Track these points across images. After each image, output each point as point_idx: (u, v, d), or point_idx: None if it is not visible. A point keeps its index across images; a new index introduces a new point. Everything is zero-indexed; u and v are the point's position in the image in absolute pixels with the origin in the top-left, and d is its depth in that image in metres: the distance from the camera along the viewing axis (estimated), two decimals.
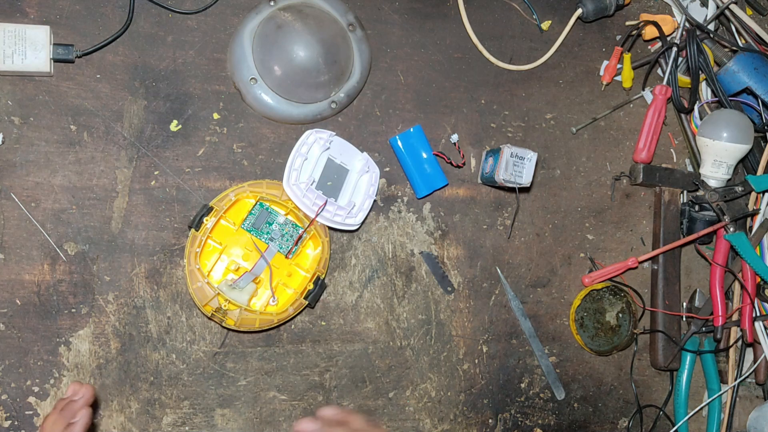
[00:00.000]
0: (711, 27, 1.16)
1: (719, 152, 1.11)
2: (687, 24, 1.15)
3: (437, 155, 1.06)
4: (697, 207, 1.15)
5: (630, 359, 1.16)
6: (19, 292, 0.93)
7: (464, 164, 1.09)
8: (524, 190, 1.12)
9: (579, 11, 1.13)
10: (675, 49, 1.14)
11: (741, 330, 1.14)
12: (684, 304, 1.18)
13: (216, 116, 1.00)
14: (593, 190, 1.16)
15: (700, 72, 1.14)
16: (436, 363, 1.08)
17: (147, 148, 0.97)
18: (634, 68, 1.16)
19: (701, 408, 1.18)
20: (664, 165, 1.17)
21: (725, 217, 1.12)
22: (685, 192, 1.17)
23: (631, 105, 1.18)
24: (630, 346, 1.16)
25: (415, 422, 1.07)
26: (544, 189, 1.13)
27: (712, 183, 1.13)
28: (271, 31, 0.97)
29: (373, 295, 1.05)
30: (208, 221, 0.94)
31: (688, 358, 1.16)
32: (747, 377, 1.18)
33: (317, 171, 1.00)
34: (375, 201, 1.04)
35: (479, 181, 1.10)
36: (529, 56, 1.13)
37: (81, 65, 0.95)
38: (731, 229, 1.12)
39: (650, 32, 1.15)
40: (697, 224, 1.14)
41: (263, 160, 1.02)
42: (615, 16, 1.17)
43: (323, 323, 1.03)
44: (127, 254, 0.96)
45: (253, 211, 0.99)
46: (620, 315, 1.15)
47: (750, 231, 1.15)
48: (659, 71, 1.18)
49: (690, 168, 1.20)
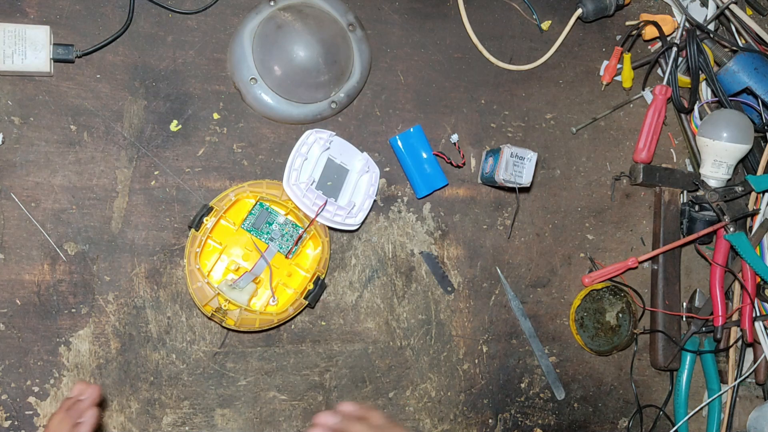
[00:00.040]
0: (711, 27, 1.16)
1: (719, 152, 1.11)
2: (687, 24, 1.15)
3: (437, 155, 1.06)
4: (697, 207, 1.15)
5: (630, 359, 1.16)
6: (19, 292, 0.93)
7: (464, 164, 1.09)
8: (524, 190, 1.12)
9: (579, 11, 1.13)
10: (675, 49, 1.14)
11: (741, 330, 1.14)
12: (684, 304, 1.18)
13: (216, 116, 1.00)
14: (593, 190, 1.16)
15: (700, 72, 1.14)
16: (436, 363, 1.08)
17: (147, 148, 0.97)
18: (634, 68, 1.16)
19: (701, 408, 1.18)
20: (664, 165, 1.17)
21: (725, 217, 1.12)
22: (685, 192, 1.17)
23: (631, 105, 1.18)
24: (630, 346, 1.16)
25: (415, 422, 1.07)
26: (544, 189, 1.13)
27: (712, 183, 1.13)
28: (271, 31, 0.97)
29: (373, 295, 1.05)
30: (208, 221, 0.94)
31: (688, 358, 1.16)
32: (747, 377, 1.17)
33: (317, 171, 1.00)
34: (375, 201, 1.04)
35: (479, 181, 1.10)
36: (529, 56, 1.13)
37: (81, 65, 0.95)
38: (731, 229, 1.12)
39: (650, 32, 1.15)
40: (697, 224, 1.14)
41: (263, 160, 1.02)
42: (615, 16, 1.17)
43: (323, 323, 1.03)
44: (127, 254, 0.96)
45: (253, 211, 0.99)
46: (620, 315, 1.15)
47: (750, 231, 1.15)
48: (659, 71, 1.18)
49: (690, 168, 1.20)
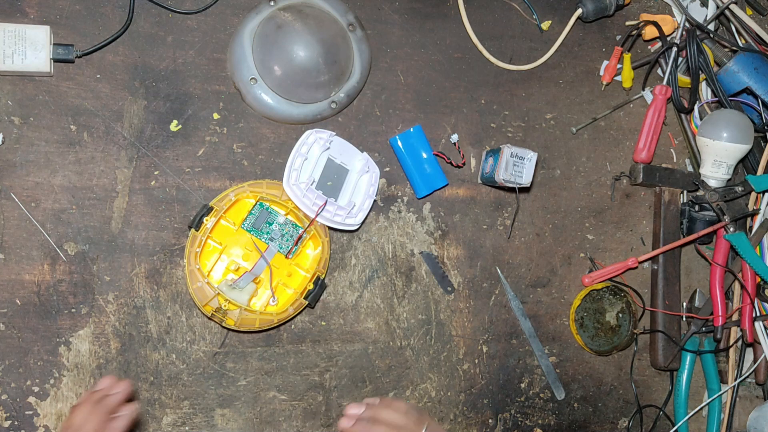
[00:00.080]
0: (711, 27, 1.16)
1: (719, 152, 1.11)
2: (687, 24, 1.15)
3: (437, 155, 1.06)
4: (697, 207, 1.15)
5: (630, 359, 1.16)
6: (19, 292, 0.93)
7: (464, 164, 1.09)
8: (524, 190, 1.12)
9: (579, 11, 1.13)
10: (675, 49, 1.14)
11: (741, 330, 1.14)
12: (684, 304, 1.18)
13: (216, 116, 1.00)
14: (593, 190, 1.16)
15: (700, 72, 1.14)
16: (436, 363, 1.08)
17: (147, 148, 0.97)
18: (634, 68, 1.16)
19: (701, 408, 1.18)
20: (664, 165, 1.17)
21: (725, 217, 1.12)
22: (685, 192, 1.17)
23: (631, 105, 1.18)
24: (630, 346, 1.16)
25: None
26: (544, 189, 1.13)
27: (712, 183, 1.13)
28: (271, 31, 0.97)
29: (373, 295, 1.05)
30: (208, 221, 0.94)
31: (688, 358, 1.16)
32: (747, 377, 1.17)
33: (317, 171, 1.00)
34: (375, 201, 1.04)
35: (479, 181, 1.10)
36: (529, 56, 1.13)
37: (81, 65, 0.95)
38: (731, 229, 1.12)
39: (650, 32, 1.15)
40: (697, 224, 1.14)
41: (263, 160, 1.02)
42: (615, 16, 1.17)
43: (323, 323, 1.03)
44: (127, 254, 0.96)
45: (253, 211, 0.99)
46: (620, 315, 1.15)
47: (750, 231, 1.15)
48: (659, 71, 1.18)
49: (690, 168, 1.20)
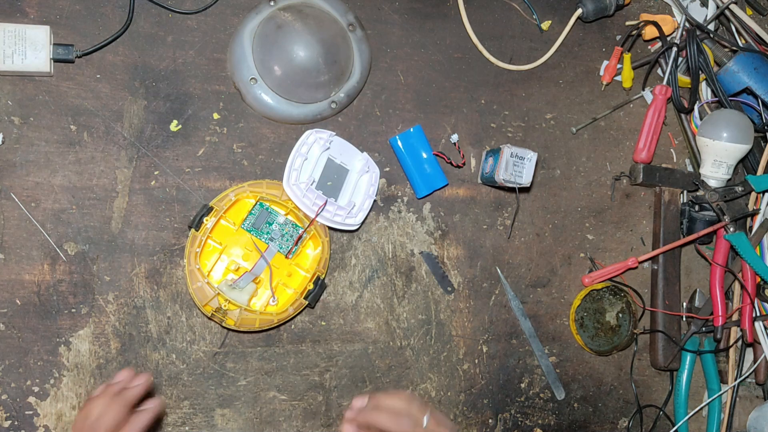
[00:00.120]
0: (711, 27, 1.16)
1: (719, 152, 1.11)
2: (687, 24, 1.15)
3: (437, 155, 1.06)
4: (697, 207, 1.15)
5: (630, 359, 1.16)
6: (19, 292, 0.93)
7: (464, 164, 1.09)
8: (524, 190, 1.12)
9: (579, 11, 1.13)
10: (675, 49, 1.14)
11: (741, 330, 1.14)
12: (684, 304, 1.18)
13: (216, 116, 1.00)
14: (593, 190, 1.16)
15: (700, 72, 1.14)
16: (436, 363, 1.08)
17: (147, 148, 0.97)
18: (634, 68, 1.16)
19: (701, 408, 1.18)
20: (664, 165, 1.17)
21: (725, 217, 1.12)
22: (685, 192, 1.17)
23: (631, 105, 1.18)
24: (630, 346, 1.16)
25: None
26: (544, 189, 1.13)
27: (712, 183, 1.13)
28: (271, 31, 0.97)
29: (373, 295, 1.05)
30: (208, 221, 0.94)
31: (688, 358, 1.16)
32: (747, 377, 1.17)
33: (317, 171, 1.00)
34: (375, 201, 1.04)
35: (479, 181, 1.10)
36: (529, 56, 1.13)
37: (81, 65, 0.95)
38: (731, 229, 1.12)
39: (650, 32, 1.15)
40: (697, 224, 1.14)
41: (263, 160, 1.02)
42: (615, 16, 1.17)
43: (323, 323, 1.03)
44: (127, 254, 0.96)
45: (253, 211, 0.99)
46: (620, 315, 1.15)
47: (750, 231, 1.15)
48: (659, 71, 1.18)
49: (690, 168, 1.20)
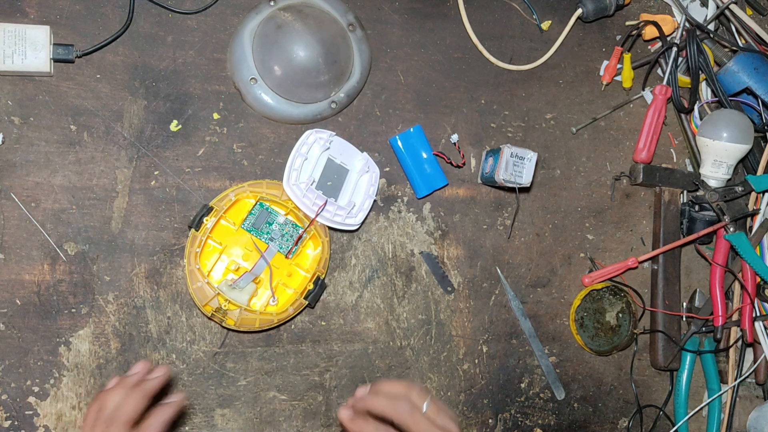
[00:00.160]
0: (711, 27, 1.16)
1: (719, 152, 1.11)
2: (687, 24, 1.15)
3: (437, 155, 1.06)
4: (697, 207, 1.15)
5: (630, 359, 1.16)
6: (19, 292, 0.93)
7: (464, 164, 1.09)
8: (524, 190, 1.12)
9: (579, 11, 1.13)
10: (675, 49, 1.14)
11: (741, 330, 1.14)
12: (684, 304, 1.18)
13: (216, 116, 1.00)
14: (593, 190, 1.16)
15: (700, 72, 1.14)
16: (436, 363, 1.08)
17: (147, 148, 0.97)
18: (634, 68, 1.16)
19: (701, 408, 1.18)
20: (664, 165, 1.17)
21: (725, 217, 1.12)
22: (685, 192, 1.17)
23: (631, 105, 1.18)
24: (630, 346, 1.16)
25: None
26: (544, 189, 1.13)
27: (712, 183, 1.13)
28: (271, 31, 0.97)
29: (373, 295, 1.05)
30: (208, 221, 0.94)
31: (688, 358, 1.16)
32: (747, 377, 1.17)
33: (317, 171, 1.00)
34: (375, 201, 1.04)
35: (479, 181, 1.10)
36: (529, 56, 1.13)
37: (81, 65, 0.95)
38: (731, 229, 1.12)
39: (650, 32, 1.15)
40: (697, 224, 1.14)
41: (263, 160, 1.02)
42: (615, 16, 1.17)
43: (323, 323, 1.03)
44: (127, 254, 0.96)
45: (253, 211, 0.99)
46: (620, 315, 1.15)
47: (750, 231, 1.15)
48: (659, 71, 1.18)
49: (690, 168, 1.20)
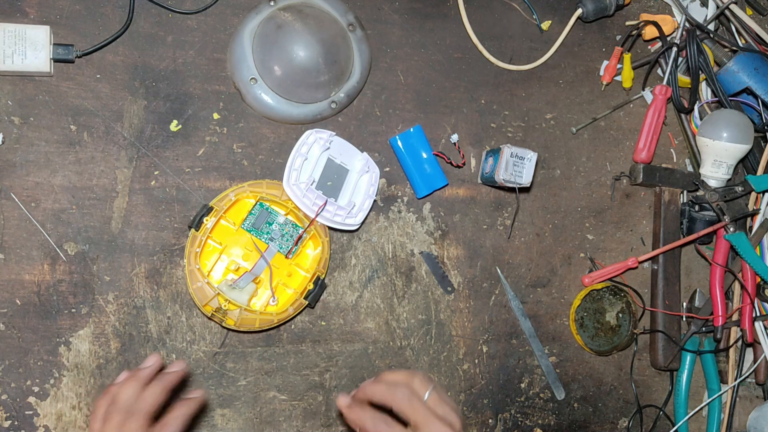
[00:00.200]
0: (711, 27, 1.16)
1: (719, 152, 1.11)
2: (687, 24, 1.15)
3: (437, 155, 1.06)
4: (697, 207, 1.15)
5: (630, 359, 1.16)
6: (19, 292, 0.93)
7: (464, 164, 1.09)
8: (524, 190, 1.12)
9: (579, 11, 1.13)
10: (675, 49, 1.14)
11: (741, 330, 1.14)
12: (684, 304, 1.18)
13: (216, 116, 1.00)
14: (593, 190, 1.16)
15: (700, 72, 1.14)
16: (436, 363, 1.08)
17: (147, 148, 0.97)
18: (634, 68, 1.16)
19: (701, 408, 1.18)
20: (664, 165, 1.17)
21: (725, 217, 1.12)
22: (685, 192, 1.17)
23: (631, 105, 1.18)
24: (630, 346, 1.16)
25: None
26: (544, 189, 1.13)
27: (712, 183, 1.13)
28: (271, 31, 0.97)
29: (373, 295, 1.05)
30: (208, 221, 0.94)
31: (688, 358, 1.16)
32: (747, 377, 1.17)
33: (317, 171, 1.00)
34: (375, 201, 1.04)
35: (479, 181, 1.10)
36: (529, 56, 1.13)
37: (81, 65, 0.95)
38: (731, 229, 1.12)
39: (650, 32, 1.15)
40: (697, 224, 1.14)
41: (263, 160, 1.02)
42: (615, 16, 1.17)
43: (323, 323, 1.03)
44: (127, 254, 0.96)
45: (253, 211, 0.99)
46: (620, 315, 1.15)
47: (750, 231, 1.15)
48: (659, 71, 1.18)
49: (690, 168, 1.20)
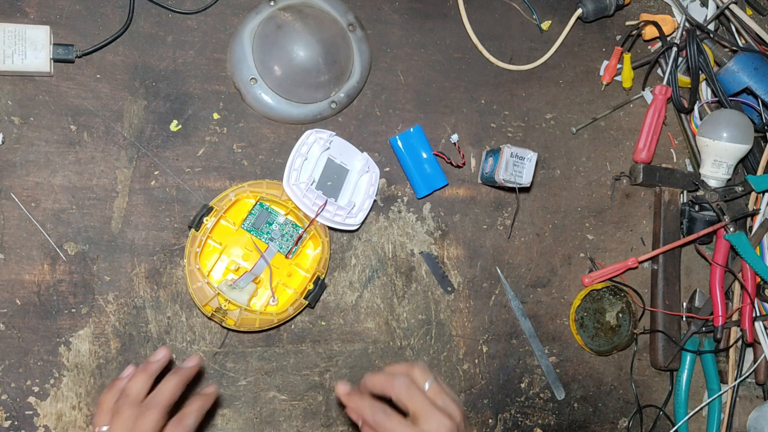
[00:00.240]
0: (711, 27, 1.16)
1: (719, 152, 1.11)
2: (687, 24, 1.15)
3: (437, 155, 1.06)
4: (697, 207, 1.15)
5: (630, 359, 1.16)
6: (19, 292, 0.93)
7: (464, 164, 1.09)
8: (524, 190, 1.12)
9: (579, 11, 1.13)
10: (675, 49, 1.14)
11: (741, 330, 1.14)
12: (684, 304, 1.18)
13: (216, 116, 1.00)
14: (593, 190, 1.16)
15: (700, 72, 1.14)
16: (436, 363, 1.07)
17: (147, 148, 0.97)
18: (634, 68, 1.16)
19: (701, 408, 1.18)
20: (664, 165, 1.17)
21: (725, 217, 1.12)
22: (685, 192, 1.17)
23: (631, 105, 1.18)
24: (630, 346, 1.16)
25: None
26: (544, 189, 1.13)
27: (712, 183, 1.13)
28: (271, 31, 0.97)
29: (373, 295, 1.05)
30: (208, 221, 0.94)
31: (688, 358, 1.16)
32: (747, 377, 1.18)
33: (317, 171, 1.00)
34: (375, 201, 1.04)
35: (479, 181, 1.10)
36: (529, 56, 1.13)
37: (81, 65, 0.95)
38: (731, 229, 1.12)
39: (650, 32, 1.15)
40: (697, 224, 1.14)
41: (263, 160, 1.02)
42: (615, 16, 1.17)
43: (323, 323, 1.03)
44: (127, 254, 0.96)
45: (253, 211, 0.99)
46: (620, 315, 1.15)
47: (750, 231, 1.15)
48: (659, 71, 1.18)
49: (690, 168, 1.20)
